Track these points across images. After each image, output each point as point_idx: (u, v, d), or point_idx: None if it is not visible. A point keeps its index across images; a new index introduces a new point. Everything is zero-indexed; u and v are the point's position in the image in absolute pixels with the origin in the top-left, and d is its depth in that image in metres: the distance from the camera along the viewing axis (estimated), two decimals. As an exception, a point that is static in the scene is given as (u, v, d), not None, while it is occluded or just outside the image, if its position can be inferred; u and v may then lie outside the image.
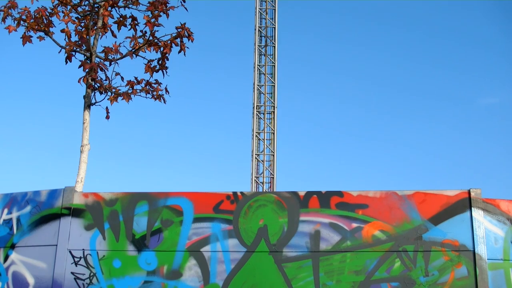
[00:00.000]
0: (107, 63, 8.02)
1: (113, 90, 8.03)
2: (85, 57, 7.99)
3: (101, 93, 8.01)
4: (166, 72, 8.35)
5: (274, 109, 33.01)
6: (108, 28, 8.24)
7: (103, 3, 8.00)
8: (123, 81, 8.10)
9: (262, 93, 32.80)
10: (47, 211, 6.52)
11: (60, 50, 8.00)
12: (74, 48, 7.97)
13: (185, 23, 8.11)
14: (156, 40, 8.13)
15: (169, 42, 8.13)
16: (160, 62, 8.31)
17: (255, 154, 31.63)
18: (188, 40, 8.20)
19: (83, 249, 6.33)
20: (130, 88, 8.16)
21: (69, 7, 8.17)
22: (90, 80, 7.85)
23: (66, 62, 7.95)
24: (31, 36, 7.92)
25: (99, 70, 7.82)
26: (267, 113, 33.35)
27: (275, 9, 33.28)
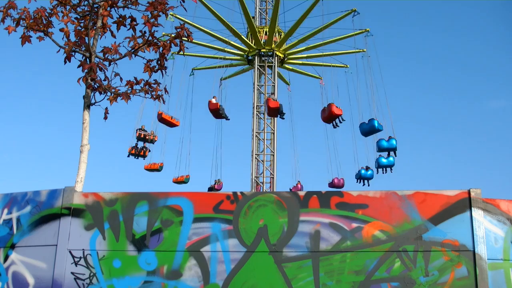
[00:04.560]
0: (106, 63, 8.01)
1: (113, 90, 8.01)
2: (84, 57, 7.98)
3: (100, 93, 7.99)
4: (165, 72, 8.34)
5: (274, 109, 32.91)
6: (108, 28, 8.22)
7: (102, 3, 7.98)
8: (121, 81, 8.09)
9: (262, 93, 32.76)
10: (47, 211, 6.52)
11: (59, 50, 7.99)
12: (74, 48, 7.96)
13: (184, 23, 8.10)
14: (155, 40, 8.12)
15: (168, 42, 8.12)
16: (159, 62, 8.30)
17: (255, 154, 31.60)
18: (188, 40, 8.19)
19: (83, 249, 6.32)
20: (129, 88, 8.14)
21: (68, 7, 8.15)
22: (89, 80, 7.84)
23: (65, 62, 7.93)
24: (30, 36, 7.91)
25: (98, 70, 7.81)
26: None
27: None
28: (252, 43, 30.79)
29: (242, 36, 30.39)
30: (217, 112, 27.58)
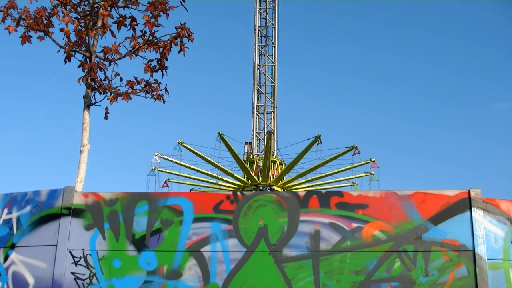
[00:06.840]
0: (106, 63, 8.02)
1: (113, 90, 8.02)
2: (85, 57, 7.98)
3: (100, 93, 8.00)
4: (166, 72, 8.35)
5: (274, 109, 32.99)
6: (108, 28, 8.22)
7: (102, 3, 7.99)
8: (122, 81, 8.10)
9: (262, 93, 32.79)
10: (47, 211, 6.52)
11: (59, 50, 8.00)
12: (74, 48, 7.96)
13: (184, 23, 8.11)
14: (155, 40, 8.13)
15: (168, 42, 8.12)
16: (159, 62, 8.30)
17: (255, 154, 31.61)
18: (188, 40, 8.19)
19: (83, 249, 6.32)
20: (130, 88, 8.15)
21: (68, 7, 8.16)
22: (89, 80, 7.84)
23: (65, 62, 7.94)
24: (31, 36, 7.91)
25: (98, 70, 7.82)
26: (267, 113, 33.33)
27: (275, 9, 33.29)
28: (246, 179, 31.04)
29: (237, 176, 30.60)
30: None
